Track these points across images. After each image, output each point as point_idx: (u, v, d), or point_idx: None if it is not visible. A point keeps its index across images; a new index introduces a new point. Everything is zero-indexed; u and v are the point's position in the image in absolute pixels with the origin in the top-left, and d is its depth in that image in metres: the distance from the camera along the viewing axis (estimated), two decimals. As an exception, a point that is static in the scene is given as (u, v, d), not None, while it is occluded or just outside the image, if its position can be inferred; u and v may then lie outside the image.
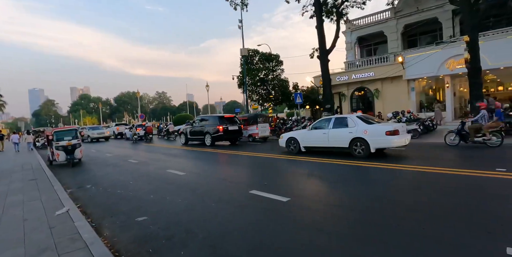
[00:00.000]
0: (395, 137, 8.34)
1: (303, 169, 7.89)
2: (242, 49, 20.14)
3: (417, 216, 3.89)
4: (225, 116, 15.64)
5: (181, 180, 7.14)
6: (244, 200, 5.13)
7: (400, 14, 22.48)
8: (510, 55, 15.18)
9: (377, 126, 8.76)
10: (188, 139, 16.51)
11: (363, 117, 9.45)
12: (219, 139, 14.91)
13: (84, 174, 8.80)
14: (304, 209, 4.44)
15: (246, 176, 7.57)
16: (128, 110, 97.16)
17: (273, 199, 5.05)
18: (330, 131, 9.46)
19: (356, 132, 8.83)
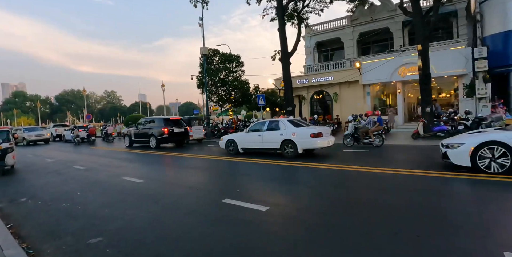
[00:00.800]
0: (318, 138, 9.34)
1: (264, 172, 7.55)
2: (203, 48, 19.36)
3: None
4: (171, 118, 15.62)
5: (140, 188, 6.29)
6: (218, 211, 4.56)
7: (356, 23, 23.58)
8: (452, 65, 16.64)
9: (304, 129, 9.65)
10: (132, 141, 16.10)
11: (294, 121, 10.32)
12: (165, 141, 14.85)
13: (18, 184, 7.39)
14: (290, 219, 4.02)
15: (212, 182, 6.98)
16: (72, 110, 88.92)
17: (251, 208, 4.56)
18: (264, 133, 10.25)
19: (286, 134, 9.67)
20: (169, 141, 15.09)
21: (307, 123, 11.15)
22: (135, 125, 16.76)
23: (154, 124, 15.21)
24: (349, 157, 9.91)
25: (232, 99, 22.53)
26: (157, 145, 14.70)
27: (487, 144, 5.95)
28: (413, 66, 17.78)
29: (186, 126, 15.79)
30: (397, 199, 4.86)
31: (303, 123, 10.38)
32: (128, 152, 14.29)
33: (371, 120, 12.04)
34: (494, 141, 5.90)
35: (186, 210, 4.64)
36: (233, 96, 22.65)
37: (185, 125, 15.80)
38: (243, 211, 4.45)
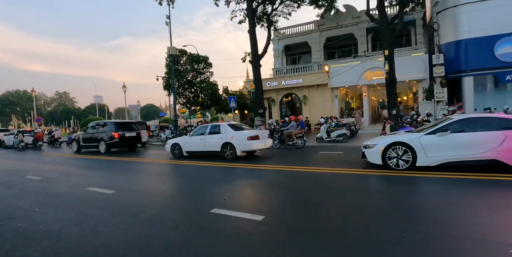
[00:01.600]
0: (255, 141, 9.97)
1: (233, 175, 7.24)
2: (170, 48, 18.49)
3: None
4: (123, 122, 15.46)
5: (112, 201, 5.57)
6: (210, 223, 4.11)
7: (322, 28, 24.22)
8: (413, 70, 17.69)
9: (242, 132, 10.26)
10: (80, 146, 15.52)
11: (233, 124, 10.93)
12: (115, 146, 14.57)
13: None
14: (287, 229, 3.70)
15: (190, 190, 6.43)
16: (18, 112, 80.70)
17: (245, 218, 4.19)
18: (206, 137, 10.73)
19: (226, 138, 10.21)
20: (120, 145, 14.77)
21: (246, 127, 11.87)
22: (83, 129, 16.22)
23: (104, 129, 14.71)
24: (285, 157, 10.71)
25: (200, 102, 21.82)
26: (107, 150, 14.19)
27: (394, 144, 6.87)
28: (378, 70, 18.63)
29: (139, 131, 15.58)
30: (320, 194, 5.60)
31: (243, 127, 11.05)
32: (86, 158, 13.03)
33: (294, 124, 13.49)
34: (398, 142, 6.84)
35: (172, 223, 4.13)
36: (201, 99, 21.95)
37: (137, 129, 15.55)
38: (232, 218, 4.06)
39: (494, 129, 6.25)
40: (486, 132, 6.28)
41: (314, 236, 3.44)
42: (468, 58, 18.61)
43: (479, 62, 18.14)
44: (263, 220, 4.10)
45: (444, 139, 6.49)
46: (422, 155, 6.61)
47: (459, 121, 6.67)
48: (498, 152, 6.08)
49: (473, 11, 18.18)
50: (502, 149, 6.05)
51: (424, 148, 6.60)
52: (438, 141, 6.54)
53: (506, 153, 6.03)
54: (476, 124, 6.55)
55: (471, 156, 6.26)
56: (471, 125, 6.57)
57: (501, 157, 6.08)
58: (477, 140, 6.27)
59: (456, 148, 6.37)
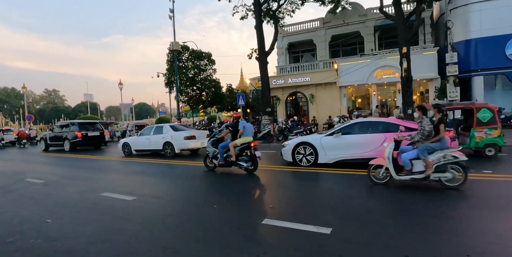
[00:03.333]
0: (191, 140, 10.98)
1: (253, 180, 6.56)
2: (174, 43, 17.60)
3: None
4: (86, 122, 16.34)
5: (137, 209, 4.79)
6: (276, 239, 3.38)
7: (328, 25, 23.65)
8: (425, 69, 17.26)
9: (181, 133, 11.25)
10: (48, 144, 16.28)
11: (174, 126, 11.97)
12: (78, 144, 15.31)
13: None
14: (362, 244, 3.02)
15: (212, 194, 5.66)
16: (5, 110, 78.03)
17: (309, 231, 3.51)
18: (151, 137, 11.72)
19: (166, 137, 11.28)
20: (83, 144, 15.56)
21: (188, 128, 12.83)
22: (51, 129, 17.04)
23: (69, 129, 15.56)
24: None
25: (204, 100, 20.99)
26: (71, 148, 15.02)
27: (301, 144, 7.81)
28: (388, 69, 18.17)
29: (103, 130, 16.48)
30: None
31: (184, 128, 12.00)
32: (87, 159, 12.14)
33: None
34: (305, 142, 7.79)
35: (226, 239, 3.39)
36: (204, 96, 21.12)
37: (101, 129, 16.40)
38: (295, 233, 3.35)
39: (378, 131, 7.16)
40: (371, 134, 7.22)
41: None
42: (478, 57, 18.31)
43: (490, 61, 17.85)
44: (333, 233, 3.42)
45: (339, 140, 7.40)
46: (322, 153, 7.56)
47: (352, 124, 7.67)
48: (379, 151, 6.65)
49: (484, 10, 17.87)
50: (382, 149, 6.66)
51: (324, 148, 7.55)
52: (335, 142, 7.45)
53: None
54: (365, 127, 7.46)
55: (359, 155, 7.17)
56: (362, 128, 7.46)
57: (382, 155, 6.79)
58: (363, 141, 7.17)
59: (348, 148, 7.31)
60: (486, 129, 8.28)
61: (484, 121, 8.33)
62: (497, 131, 8.23)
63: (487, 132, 8.25)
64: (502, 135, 8.32)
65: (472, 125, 8.43)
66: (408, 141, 5.68)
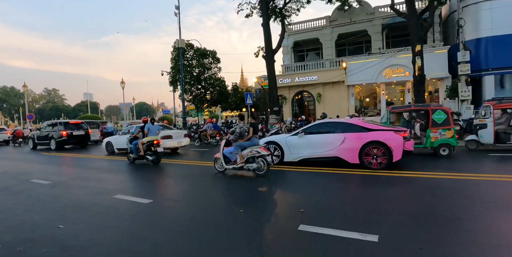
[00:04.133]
0: (168, 140, 11.36)
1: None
2: (179, 40, 17.21)
3: None
4: (71, 122, 16.80)
5: (157, 214, 4.42)
6: (320, 250, 3.02)
7: (334, 24, 23.30)
8: (435, 68, 16.92)
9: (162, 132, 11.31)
10: (35, 143, 16.77)
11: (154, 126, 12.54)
12: (64, 143, 15.83)
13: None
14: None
15: (230, 196, 5.28)
16: (5, 110, 77.46)
17: (355, 239, 3.15)
18: (120, 137, 12.28)
19: None
20: (69, 143, 16.12)
21: (169, 127, 13.49)
22: (39, 128, 17.88)
23: (55, 128, 16.04)
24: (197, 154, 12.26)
25: (209, 98, 20.60)
26: (57, 147, 15.49)
27: (269, 143, 8.16)
28: (398, 68, 17.84)
29: (88, 130, 17.00)
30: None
31: (163, 128, 12.37)
32: (93, 159, 11.76)
33: (210, 126, 15.54)
34: (272, 141, 8.19)
35: (265, 250, 3.02)
36: (209, 95, 20.73)
37: (86, 128, 16.93)
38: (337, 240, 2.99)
39: (338, 131, 7.46)
40: (332, 134, 7.52)
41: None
42: (489, 56, 17.98)
43: (501, 60, 17.52)
44: (381, 241, 3.06)
45: (303, 140, 7.74)
46: (288, 152, 7.90)
47: (315, 125, 8.07)
48: (339, 150, 7.26)
49: (496, 8, 17.53)
50: (342, 148, 7.23)
51: (289, 147, 7.89)
52: (299, 141, 7.78)
53: (344, 151, 7.21)
54: (328, 127, 7.75)
55: (321, 154, 7.52)
56: (324, 128, 7.76)
57: (341, 154, 7.28)
58: (325, 140, 7.48)
59: (310, 147, 7.63)
60: (440, 130, 8.68)
61: (439, 123, 8.73)
62: (450, 132, 8.65)
63: (442, 132, 8.67)
64: (456, 135, 8.77)
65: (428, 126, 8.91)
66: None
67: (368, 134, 7.08)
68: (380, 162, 6.85)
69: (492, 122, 9.11)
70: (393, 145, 6.72)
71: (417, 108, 9.89)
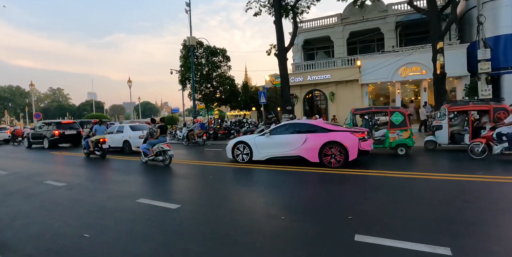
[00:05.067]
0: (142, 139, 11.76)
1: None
2: (190, 38, 16.80)
3: None
4: (63, 122, 17.53)
5: (189, 221, 4.01)
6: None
7: (346, 21, 22.81)
8: (453, 66, 16.37)
9: (137, 132, 12.41)
10: (30, 142, 17.44)
11: (134, 126, 13.26)
12: (57, 142, 16.38)
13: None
14: None
15: (259, 200, 4.84)
16: (10, 109, 77.68)
17: (424, 252, 2.74)
18: (113, 135, 12.94)
19: (125, 136, 12.68)
20: (61, 142, 16.63)
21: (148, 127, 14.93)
22: (32, 128, 18.77)
23: (49, 128, 16.56)
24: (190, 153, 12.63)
25: (219, 97, 20.20)
26: (50, 146, 16.03)
27: (239, 143, 8.60)
28: (415, 66, 17.34)
29: (80, 129, 17.48)
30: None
31: (141, 128, 12.99)
32: (103, 159, 11.40)
33: (197, 125, 16.14)
34: (242, 141, 8.60)
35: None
36: (218, 94, 20.34)
37: (78, 128, 17.49)
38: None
39: (301, 132, 7.85)
40: (295, 134, 7.91)
41: None
42: (508, 54, 17.42)
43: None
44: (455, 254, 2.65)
45: (269, 140, 8.18)
46: (256, 151, 8.31)
47: (280, 126, 8.44)
48: (301, 149, 7.68)
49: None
50: (303, 148, 7.64)
51: (257, 146, 8.31)
52: (265, 141, 8.22)
53: (305, 150, 7.62)
54: (292, 128, 8.11)
55: (285, 153, 7.94)
56: (288, 129, 8.15)
57: (302, 153, 7.69)
58: (288, 140, 7.90)
59: (276, 147, 8.04)
60: (398, 131, 9.06)
61: (396, 124, 9.10)
62: (407, 133, 9.01)
63: (399, 133, 9.03)
64: (412, 136, 9.11)
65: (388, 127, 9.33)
66: None
67: (327, 135, 7.53)
68: (339, 160, 7.26)
69: (447, 123, 9.44)
70: (349, 144, 7.17)
71: (377, 110, 10.41)
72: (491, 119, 8.80)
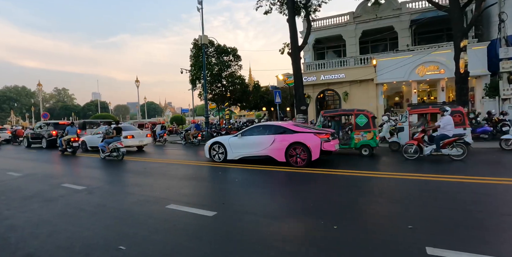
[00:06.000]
0: (129, 139, 12.78)
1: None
2: (202, 36, 16.43)
3: None
4: (60, 122, 17.84)
5: (235, 231, 3.60)
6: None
7: (358, 20, 22.38)
8: (474, 64, 15.87)
9: (124, 132, 12.39)
10: (30, 142, 18.04)
11: (120, 127, 13.14)
12: (54, 142, 16.33)
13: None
14: None
15: (301, 205, 4.45)
16: (15, 108, 77.92)
17: None
18: (92, 137, 13.79)
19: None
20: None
21: (133, 128, 14.77)
22: (32, 128, 19.63)
23: (47, 128, 17.17)
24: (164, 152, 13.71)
25: (230, 97, 19.82)
26: (48, 145, 16.56)
27: (215, 143, 9.12)
28: (432, 65, 16.88)
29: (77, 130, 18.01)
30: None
31: (127, 128, 13.57)
32: (113, 160, 11.07)
33: (192, 126, 16.55)
34: (217, 141, 9.13)
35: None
36: (229, 94, 19.96)
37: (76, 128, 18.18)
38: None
39: (270, 133, 8.34)
40: (265, 135, 8.39)
41: None
42: (530, 53, 16.89)
43: (543, 57, 16.42)
44: None
45: (241, 140, 8.66)
46: (230, 151, 8.81)
47: (252, 127, 8.96)
48: (270, 150, 8.17)
49: (538, 1, 16.44)
50: (272, 148, 8.13)
51: (231, 146, 8.80)
52: (238, 142, 8.71)
53: (274, 150, 8.12)
54: (263, 130, 8.61)
55: (255, 153, 8.42)
56: (258, 131, 8.67)
57: (271, 153, 8.18)
58: (258, 141, 8.39)
59: (247, 147, 8.53)
60: (362, 132, 9.55)
61: (361, 126, 9.58)
62: (370, 134, 9.50)
63: (363, 134, 9.53)
64: (376, 137, 9.63)
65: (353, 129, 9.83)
66: None
67: (292, 136, 7.97)
68: (303, 159, 7.72)
69: (408, 125, 10.00)
70: (311, 145, 7.64)
71: (343, 112, 11.00)
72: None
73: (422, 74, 17.00)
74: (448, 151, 7.94)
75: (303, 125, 9.06)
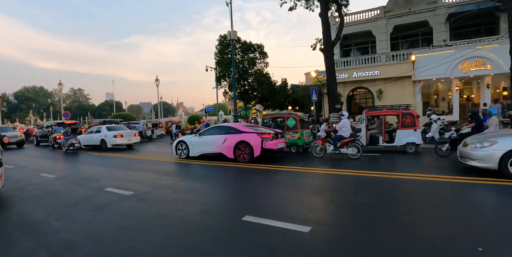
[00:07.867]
0: (119, 138, 13.97)
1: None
2: (231, 32, 15.69)
3: None
4: (66, 122, 18.59)
5: (345, 253, 2.84)
6: None
7: (389, 14, 21.25)
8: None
9: (112, 132, 14.19)
10: (38, 140, 19.03)
11: (110, 127, 15.05)
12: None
13: (24, 242, 3.53)
14: None
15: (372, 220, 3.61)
16: (33, 108, 79.30)
17: None
18: (92, 135, 14.78)
19: (102, 135, 14.25)
20: None
21: (123, 127, 15.93)
22: (40, 127, 21.61)
23: (53, 128, 17.77)
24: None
25: (257, 95, 19.04)
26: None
27: (180, 142, 10.08)
28: (478, 60, 15.67)
29: (81, 129, 18.91)
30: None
31: (116, 128, 14.94)
32: (145, 160, 10.42)
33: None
34: (181, 140, 10.11)
35: None
36: (256, 92, 19.18)
37: (79, 128, 19.15)
38: None
39: (223, 133, 9.30)
40: (218, 135, 9.32)
41: None
42: None
43: None
44: None
45: (200, 139, 9.63)
46: (192, 149, 9.73)
47: (210, 128, 10.09)
48: (222, 148, 9.13)
49: None
50: (223, 146, 9.08)
51: (192, 145, 9.73)
52: (198, 140, 9.67)
53: (225, 148, 9.07)
54: (218, 130, 9.59)
55: (211, 150, 9.40)
56: (213, 131, 9.65)
57: (223, 151, 9.12)
58: (212, 140, 9.36)
59: (205, 145, 9.50)
60: (292, 133, 10.74)
61: (290, 127, 10.78)
62: (297, 134, 10.67)
63: (292, 134, 10.72)
64: (303, 137, 10.69)
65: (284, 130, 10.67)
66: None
67: (239, 135, 8.91)
68: (248, 155, 8.68)
69: (365, 127, 10.52)
70: (254, 144, 8.60)
71: (278, 116, 12.28)
72: (400, 124, 10.04)
73: (466, 71, 15.77)
74: (345, 150, 8.92)
75: (252, 126, 9.85)
